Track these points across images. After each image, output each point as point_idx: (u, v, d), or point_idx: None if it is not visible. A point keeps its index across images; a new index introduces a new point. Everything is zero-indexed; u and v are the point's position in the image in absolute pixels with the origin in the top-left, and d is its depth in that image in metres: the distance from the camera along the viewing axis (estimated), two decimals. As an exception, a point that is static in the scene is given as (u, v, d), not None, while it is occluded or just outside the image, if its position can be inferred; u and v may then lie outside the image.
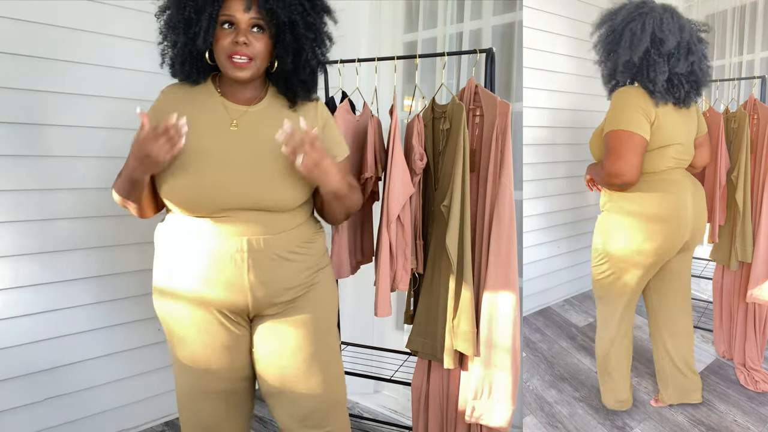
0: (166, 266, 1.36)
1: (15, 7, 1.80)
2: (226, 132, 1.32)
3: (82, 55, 1.97)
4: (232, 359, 1.39)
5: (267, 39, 1.30)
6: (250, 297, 1.32)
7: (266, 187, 1.29)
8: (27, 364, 1.93)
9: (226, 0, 1.27)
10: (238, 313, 1.37)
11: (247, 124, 1.34)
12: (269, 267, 1.32)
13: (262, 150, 1.31)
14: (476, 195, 1.70)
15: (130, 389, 2.22)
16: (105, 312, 2.11)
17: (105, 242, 2.08)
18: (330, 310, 1.48)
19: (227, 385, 1.41)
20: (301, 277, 1.38)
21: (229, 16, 1.26)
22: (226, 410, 1.44)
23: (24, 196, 1.88)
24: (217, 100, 1.35)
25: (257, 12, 1.27)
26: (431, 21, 2.46)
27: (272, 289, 1.34)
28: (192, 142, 1.28)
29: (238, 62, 1.27)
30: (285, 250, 1.34)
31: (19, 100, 1.84)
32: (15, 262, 1.88)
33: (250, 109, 1.36)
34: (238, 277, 1.30)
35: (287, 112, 1.39)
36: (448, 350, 1.69)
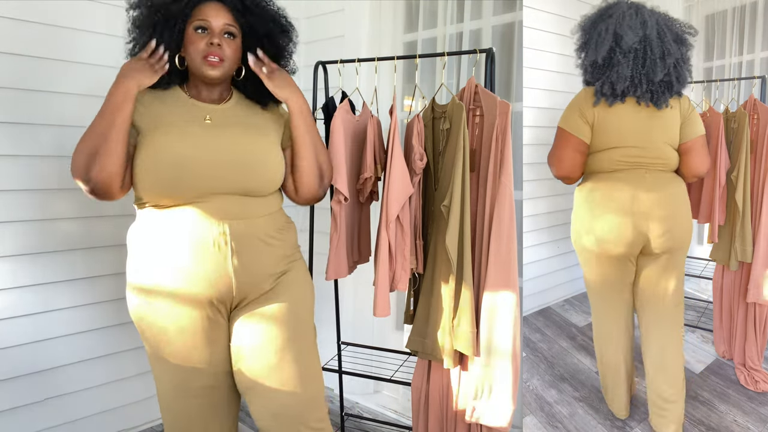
0: (144, 263, 1.36)
1: (17, 8, 1.80)
2: (201, 124, 1.37)
3: (83, 55, 1.97)
4: (212, 352, 1.39)
5: (237, 45, 1.41)
6: (234, 282, 1.35)
7: (245, 170, 1.35)
8: (27, 364, 1.93)
9: (198, 8, 1.36)
10: (221, 302, 1.37)
11: (219, 117, 1.41)
12: (252, 251, 1.36)
13: (239, 137, 1.38)
14: (476, 195, 1.70)
15: (130, 389, 2.22)
16: (105, 312, 2.11)
17: (105, 242, 2.08)
18: (303, 302, 1.49)
19: (211, 381, 1.41)
20: (279, 264, 1.43)
21: (204, 21, 1.36)
22: (212, 407, 1.44)
23: (24, 196, 1.88)
24: (188, 101, 1.42)
25: (232, 20, 1.38)
26: (431, 21, 2.46)
27: (255, 273, 1.37)
28: (169, 132, 1.32)
29: (212, 61, 1.35)
30: (265, 234, 1.40)
31: (20, 101, 1.84)
32: (15, 262, 1.88)
33: (220, 106, 1.44)
34: (222, 262, 1.33)
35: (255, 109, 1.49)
36: (448, 350, 1.69)
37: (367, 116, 1.83)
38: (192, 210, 1.32)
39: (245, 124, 1.42)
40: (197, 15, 1.36)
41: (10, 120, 1.83)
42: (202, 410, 1.43)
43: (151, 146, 1.30)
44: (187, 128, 1.34)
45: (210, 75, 1.37)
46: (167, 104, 1.39)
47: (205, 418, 1.44)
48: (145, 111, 1.36)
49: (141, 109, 1.36)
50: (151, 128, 1.33)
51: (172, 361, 1.38)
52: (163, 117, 1.35)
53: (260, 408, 1.40)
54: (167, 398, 1.43)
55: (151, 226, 1.35)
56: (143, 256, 1.36)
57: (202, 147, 1.32)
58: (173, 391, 1.41)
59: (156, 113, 1.36)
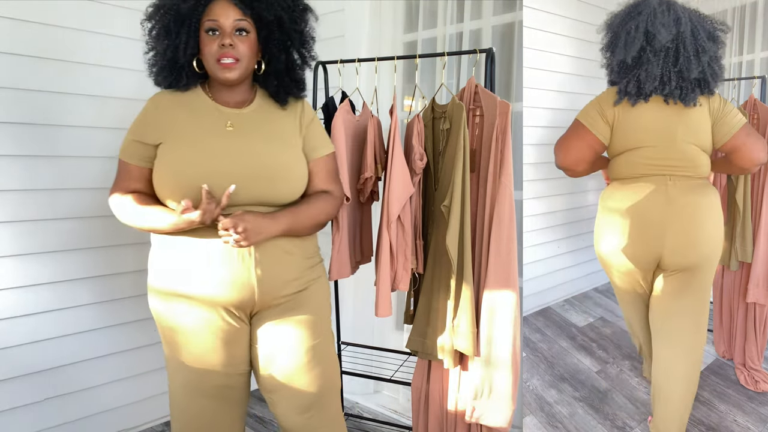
0: (167, 267, 1.36)
1: (19, 8, 1.80)
2: (222, 132, 1.34)
3: (85, 56, 1.97)
4: (231, 355, 1.40)
5: (252, 41, 1.35)
6: (257, 291, 1.34)
7: (267, 182, 1.32)
8: (27, 364, 1.93)
9: (208, 7, 1.31)
10: (242, 309, 1.38)
11: (241, 124, 1.37)
12: (274, 261, 1.35)
13: (260, 147, 1.34)
14: (476, 195, 1.69)
15: (130, 389, 2.22)
16: (105, 312, 2.11)
17: (105, 242, 2.08)
18: (326, 304, 1.53)
19: (225, 381, 1.42)
20: (300, 270, 1.42)
21: (213, 21, 1.31)
22: (222, 408, 1.45)
23: (25, 196, 1.88)
24: (210, 104, 1.38)
25: (241, 15, 1.32)
26: (431, 21, 2.46)
27: (277, 282, 1.37)
28: (191, 143, 1.30)
29: (226, 63, 1.31)
30: (287, 243, 1.38)
31: (21, 101, 1.84)
32: (15, 262, 1.88)
33: (243, 111, 1.39)
34: (246, 273, 1.32)
35: (278, 112, 1.44)
36: (449, 350, 1.69)
37: (367, 116, 1.83)
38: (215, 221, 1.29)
39: (268, 131, 1.38)
40: (207, 15, 1.31)
41: (11, 120, 1.83)
42: (212, 410, 1.44)
43: (170, 159, 1.29)
44: (208, 139, 1.32)
45: (226, 78, 1.32)
46: (187, 109, 1.36)
47: (214, 418, 1.45)
48: (164, 120, 1.34)
49: (158, 119, 1.34)
50: (170, 139, 1.31)
51: (187, 361, 1.39)
52: (184, 126, 1.33)
53: (288, 407, 1.44)
54: (179, 396, 1.44)
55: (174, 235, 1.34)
56: (167, 260, 1.36)
57: (224, 159, 1.29)
58: (186, 390, 1.42)
59: (176, 121, 1.34)
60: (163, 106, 1.37)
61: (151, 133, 1.34)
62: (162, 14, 1.33)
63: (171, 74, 1.36)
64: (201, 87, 1.41)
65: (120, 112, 2.04)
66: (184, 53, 1.33)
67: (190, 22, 1.31)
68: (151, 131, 1.34)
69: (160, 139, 1.33)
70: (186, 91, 1.39)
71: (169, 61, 1.35)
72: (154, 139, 1.33)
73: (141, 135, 1.35)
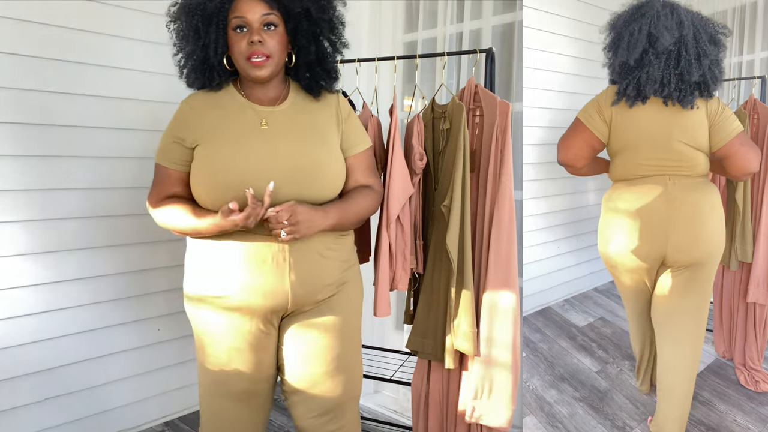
0: (202, 271, 1.35)
1: (21, 9, 1.80)
2: (257, 131, 1.32)
3: (87, 56, 1.97)
4: (258, 360, 1.39)
5: (281, 35, 1.31)
6: (290, 296, 1.33)
7: (304, 183, 1.30)
8: (27, 364, 1.93)
9: (234, 3, 1.28)
10: (275, 312, 1.36)
11: (276, 122, 1.35)
12: (309, 265, 1.33)
13: (295, 145, 1.32)
14: (476, 195, 1.70)
15: (130, 389, 2.22)
16: (105, 312, 2.11)
17: (106, 242, 2.08)
18: (358, 309, 1.51)
19: (251, 386, 1.41)
20: (336, 273, 1.40)
21: (240, 18, 1.27)
22: (248, 411, 1.44)
23: (26, 196, 1.88)
24: (243, 103, 1.36)
25: (268, 9, 1.28)
26: (431, 21, 2.46)
27: (311, 287, 1.35)
28: (226, 144, 1.29)
29: (256, 61, 1.28)
30: (323, 247, 1.36)
31: (22, 101, 1.84)
32: (16, 261, 1.88)
33: (276, 108, 1.37)
34: (280, 278, 1.30)
35: (312, 106, 1.41)
36: (449, 350, 1.69)
37: (367, 116, 1.83)
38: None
39: (303, 127, 1.36)
40: (234, 12, 1.28)
41: (13, 120, 1.83)
42: (237, 413, 1.43)
43: (207, 161, 1.28)
44: (243, 139, 1.30)
45: (257, 76, 1.30)
46: (221, 109, 1.35)
47: (237, 421, 1.44)
48: (199, 122, 1.33)
49: (194, 121, 1.33)
50: (207, 140, 1.30)
51: (214, 364, 1.39)
52: (219, 127, 1.31)
53: (306, 409, 1.44)
54: (207, 397, 1.44)
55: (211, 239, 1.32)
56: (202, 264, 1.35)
57: (259, 159, 1.27)
58: (213, 393, 1.42)
59: (211, 123, 1.32)
60: (197, 107, 1.36)
61: (188, 135, 1.32)
62: (188, 14, 1.31)
63: (203, 75, 1.34)
64: (233, 85, 1.39)
65: (121, 112, 2.04)
66: (214, 53, 1.31)
67: (217, 20, 1.29)
68: (187, 133, 1.33)
69: (197, 140, 1.32)
70: (218, 91, 1.38)
71: (199, 62, 1.33)
72: (191, 141, 1.32)
73: (178, 137, 1.34)
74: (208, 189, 1.28)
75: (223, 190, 1.26)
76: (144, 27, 2.07)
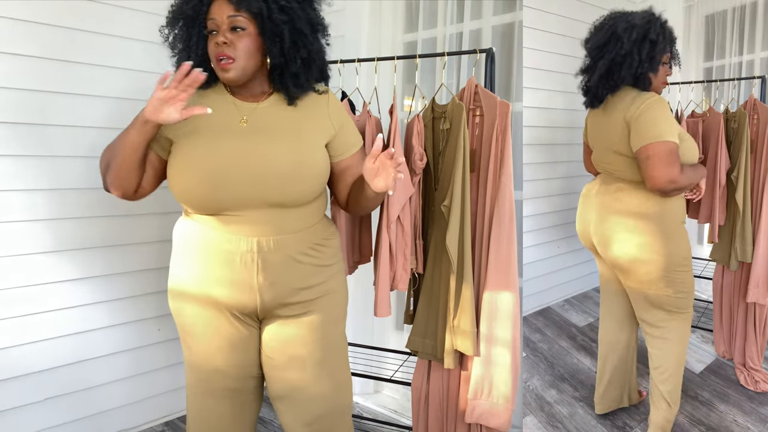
0: (178, 264, 1.38)
1: (21, 9, 1.80)
2: (235, 128, 1.32)
3: (87, 56, 1.96)
4: (239, 357, 1.40)
5: (251, 37, 1.28)
6: (258, 298, 1.33)
7: (277, 181, 1.28)
8: (27, 364, 1.93)
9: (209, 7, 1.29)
10: (246, 314, 1.38)
11: (256, 119, 1.34)
12: (279, 268, 1.33)
13: (272, 145, 1.30)
14: (476, 195, 1.70)
15: (130, 389, 2.22)
16: (105, 312, 2.11)
17: (106, 242, 2.08)
18: (341, 317, 1.49)
19: (234, 384, 1.42)
20: (311, 279, 1.38)
21: (212, 20, 1.29)
22: (233, 410, 1.44)
23: (25, 196, 1.88)
24: (228, 99, 1.37)
25: (233, 10, 1.26)
26: (431, 21, 2.46)
27: (281, 290, 1.34)
28: (203, 141, 1.29)
29: (222, 63, 1.27)
30: (296, 251, 1.34)
31: (22, 101, 1.84)
32: (16, 261, 1.88)
33: (259, 105, 1.36)
34: (247, 278, 1.31)
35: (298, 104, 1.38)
36: (448, 350, 1.69)
37: (366, 116, 1.83)
38: (223, 223, 1.29)
39: (284, 126, 1.33)
40: (208, 15, 1.29)
41: (15, 120, 1.83)
42: (222, 412, 1.44)
43: (182, 157, 1.28)
44: (220, 136, 1.29)
45: (225, 78, 1.29)
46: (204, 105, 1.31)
47: (225, 419, 1.44)
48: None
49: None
50: (185, 135, 1.30)
51: (196, 361, 1.41)
52: (197, 122, 1.31)
53: (293, 418, 1.43)
54: (192, 396, 1.45)
55: (188, 229, 1.36)
56: (179, 257, 1.38)
57: (234, 158, 1.26)
58: (197, 390, 1.43)
59: (191, 119, 1.31)
60: None
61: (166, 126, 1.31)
62: (173, 20, 1.34)
63: None
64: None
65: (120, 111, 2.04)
66: (195, 55, 1.32)
67: (197, 23, 1.30)
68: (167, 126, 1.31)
69: (175, 135, 1.31)
70: (207, 89, 1.38)
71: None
72: (167, 132, 1.32)
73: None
74: (179, 183, 1.29)
75: (196, 184, 1.27)
76: (144, 27, 2.07)
